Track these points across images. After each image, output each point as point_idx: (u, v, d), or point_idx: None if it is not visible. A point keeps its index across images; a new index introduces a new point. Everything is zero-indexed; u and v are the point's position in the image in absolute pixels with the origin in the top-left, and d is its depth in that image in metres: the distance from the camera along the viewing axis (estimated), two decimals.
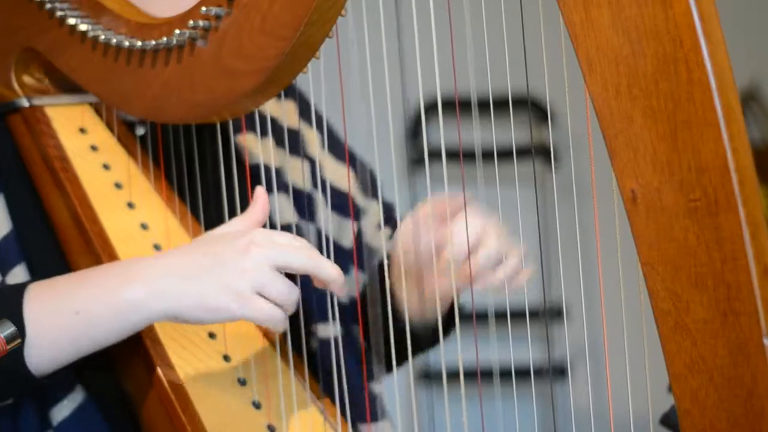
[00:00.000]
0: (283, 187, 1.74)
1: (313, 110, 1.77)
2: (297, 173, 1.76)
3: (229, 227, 1.57)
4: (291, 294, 1.50)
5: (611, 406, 1.40)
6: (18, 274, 1.59)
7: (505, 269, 1.64)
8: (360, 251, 1.78)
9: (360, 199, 1.82)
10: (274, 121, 1.76)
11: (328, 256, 1.63)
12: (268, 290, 1.49)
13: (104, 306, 1.50)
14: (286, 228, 1.70)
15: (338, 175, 1.80)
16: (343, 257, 1.74)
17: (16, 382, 1.51)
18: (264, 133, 1.72)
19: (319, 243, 1.73)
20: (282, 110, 1.79)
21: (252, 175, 1.68)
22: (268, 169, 1.71)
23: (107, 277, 1.52)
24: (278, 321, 1.50)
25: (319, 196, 1.77)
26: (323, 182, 1.77)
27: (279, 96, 1.77)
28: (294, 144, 1.77)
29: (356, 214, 1.81)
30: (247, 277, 1.48)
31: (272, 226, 1.65)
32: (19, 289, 1.51)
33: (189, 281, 1.49)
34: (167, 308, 1.49)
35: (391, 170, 1.63)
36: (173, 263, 1.51)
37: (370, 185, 1.81)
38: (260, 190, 1.58)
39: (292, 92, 1.81)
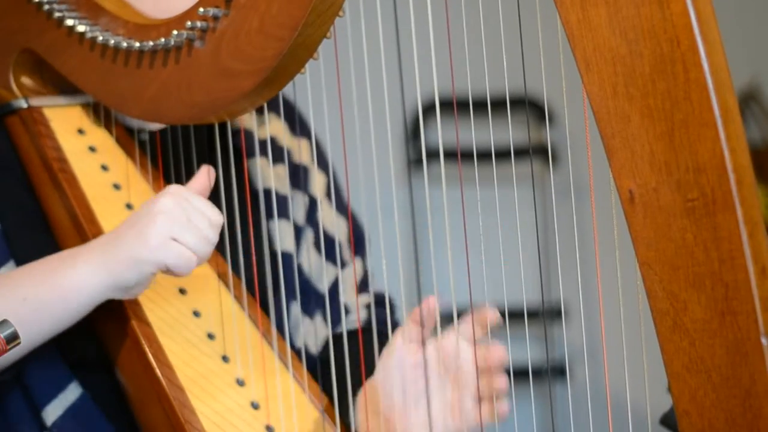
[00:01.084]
0: (285, 215, 1.74)
1: (330, 159, 1.77)
2: (297, 207, 1.76)
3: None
4: (205, 243, 1.52)
5: (609, 406, 1.40)
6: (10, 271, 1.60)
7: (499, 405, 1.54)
8: (332, 298, 1.76)
9: (346, 250, 1.81)
10: (285, 151, 1.76)
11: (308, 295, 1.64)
12: (182, 237, 1.50)
13: (48, 288, 1.52)
14: (286, 255, 1.70)
15: (332, 221, 1.80)
16: (316, 300, 1.73)
17: None
18: (279, 160, 1.72)
19: (301, 277, 1.73)
20: (294, 144, 1.79)
21: (255, 197, 1.68)
22: (271, 193, 1.71)
23: (50, 262, 1.54)
24: (190, 264, 1.51)
25: (308, 234, 1.77)
26: (317, 222, 1.77)
27: (295, 132, 1.77)
28: (300, 179, 1.77)
29: (341, 264, 1.79)
30: (159, 224, 1.50)
31: (273, 252, 1.66)
32: None
33: (110, 248, 1.52)
34: (101, 280, 1.52)
35: (389, 170, 1.63)
36: (104, 237, 1.54)
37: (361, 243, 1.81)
38: (206, 167, 1.59)
39: (308, 134, 1.81)
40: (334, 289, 1.76)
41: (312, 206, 1.79)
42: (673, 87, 1.21)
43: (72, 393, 1.58)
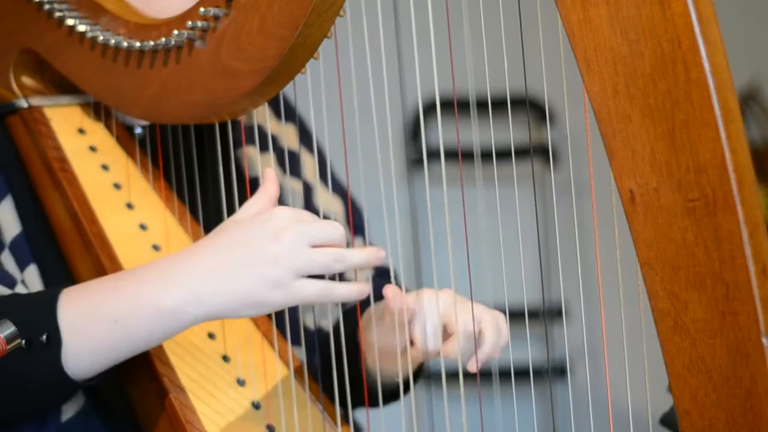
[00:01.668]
0: (280, 201, 1.74)
1: (314, 136, 1.77)
2: (291, 194, 1.76)
3: (247, 211, 1.52)
4: (337, 260, 1.47)
5: (610, 406, 1.40)
6: (32, 273, 1.59)
7: (484, 349, 1.57)
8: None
9: (346, 232, 1.81)
10: (275, 138, 1.76)
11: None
12: (309, 269, 1.45)
13: (142, 314, 1.47)
14: None
15: (328, 202, 1.80)
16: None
17: (59, 388, 1.49)
18: (265, 148, 1.72)
19: None
20: (282, 131, 1.79)
21: (252, 185, 1.68)
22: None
23: (142, 283, 1.48)
24: (330, 292, 1.47)
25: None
26: (314, 205, 1.77)
27: (280, 118, 1.77)
28: (291, 165, 1.77)
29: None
30: (283, 264, 1.44)
31: None
32: (51, 296, 1.49)
33: (224, 279, 1.45)
34: (207, 311, 1.46)
35: (390, 170, 1.63)
36: (205, 262, 1.46)
37: (357, 220, 1.81)
38: (269, 171, 1.54)
39: (293, 117, 1.81)
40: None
41: (308, 192, 1.78)
42: (673, 87, 1.21)
43: (80, 399, 1.58)
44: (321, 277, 1.48)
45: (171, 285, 1.46)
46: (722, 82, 1.20)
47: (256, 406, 1.58)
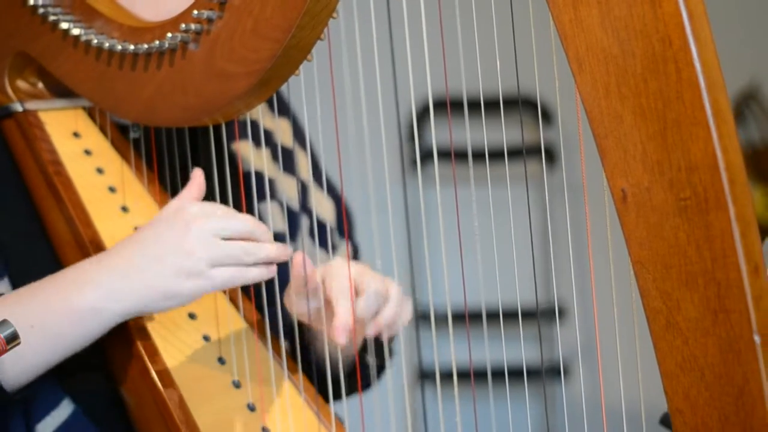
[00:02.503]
0: (275, 196, 1.74)
1: (308, 135, 1.78)
2: (288, 191, 1.77)
3: (166, 211, 1.56)
4: (246, 253, 1.51)
5: (604, 406, 1.40)
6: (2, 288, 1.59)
7: (383, 316, 1.60)
8: None
9: (336, 234, 1.82)
10: (268, 133, 1.76)
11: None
12: (221, 259, 1.49)
13: (59, 316, 1.50)
14: (278, 236, 1.70)
15: (322, 205, 1.80)
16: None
17: None
18: (259, 143, 1.72)
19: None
20: (276, 126, 1.80)
21: (245, 180, 1.68)
22: (262, 176, 1.71)
23: (57, 285, 1.51)
24: (246, 278, 1.51)
25: (303, 221, 1.77)
26: (309, 208, 1.78)
27: (274, 113, 1.78)
28: (286, 161, 1.78)
29: (331, 248, 1.80)
30: (196, 256, 1.49)
31: None
32: None
33: (139, 275, 1.49)
34: (125, 307, 1.50)
35: (384, 171, 1.63)
36: (117, 260, 1.51)
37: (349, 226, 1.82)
38: (197, 171, 1.58)
39: (287, 112, 1.82)
40: None
41: (304, 191, 1.79)
42: (665, 86, 1.21)
43: (64, 410, 1.57)
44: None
45: (84, 285, 1.50)
46: (713, 81, 1.20)
47: (252, 408, 1.58)
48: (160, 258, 1.50)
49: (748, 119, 4.06)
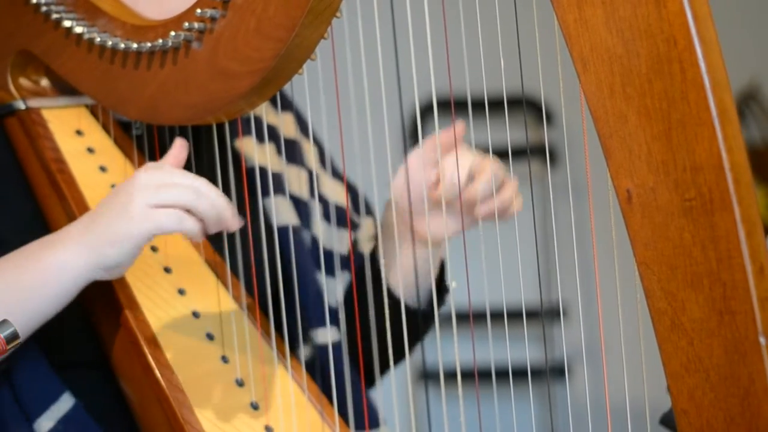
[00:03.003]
0: (281, 190, 1.74)
1: (311, 126, 1.78)
2: (295, 181, 1.77)
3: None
4: (192, 196, 1.51)
5: (608, 406, 1.40)
6: None
7: (499, 198, 1.64)
8: (356, 259, 1.78)
9: (354, 215, 1.82)
10: (272, 128, 1.76)
11: (326, 263, 1.66)
12: (164, 199, 1.50)
13: (30, 274, 1.52)
14: (283, 229, 1.70)
15: (334, 189, 1.81)
16: (342, 261, 1.75)
17: None
18: (263, 139, 1.72)
19: (315, 249, 1.73)
20: (280, 122, 1.80)
21: (249, 176, 1.68)
22: (266, 172, 1.71)
23: (30, 246, 1.54)
24: (183, 223, 1.51)
25: (316, 206, 1.77)
26: (321, 193, 1.78)
27: (276, 108, 1.78)
28: (292, 153, 1.78)
29: (352, 227, 1.81)
30: (137, 198, 1.50)
31: (268, 227, 1.66)
32: None
33: (92, 226, 1.52)
34: (84, 259, 1.51)
35: (387, 171, 1.63)
36: (81, 219, 1.54)
37: (363, 205, 1.82)
38: (180, 139, 1.59)
39: (290, 106, 1.82)
40: (355, 251, 1.79)
41: (312, 179, 1.79)
42: (670, 86, 1.21)
43: (65, 404, 1.57)
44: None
45: (54, 243, 1.53)
46: (718, 81, 1.20)
47: (255, 406, 1.58)
48: (106, 208, 1.52)
49: (748, 119, 4.06)
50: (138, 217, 1.50)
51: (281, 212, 1.73)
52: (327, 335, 1.70)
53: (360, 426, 1.65)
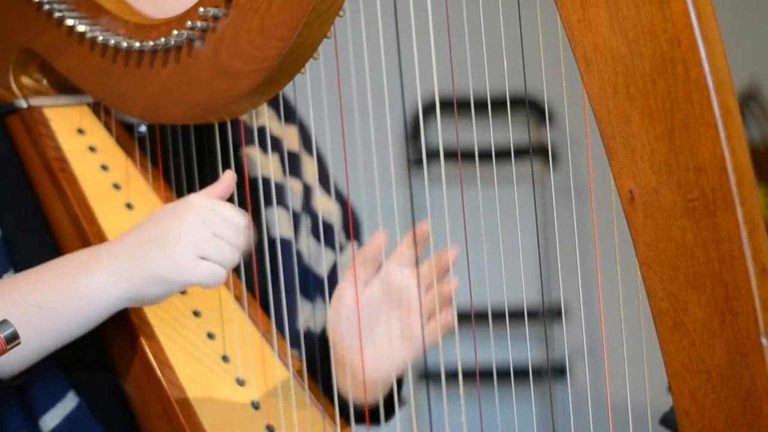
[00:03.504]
0: (282, 202, 1.74)
1: (314, 140, 1.78)
2: (293, 194, 1.76)
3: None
4: (236, 253, 1.50)
5: (610, 406, 1.40)
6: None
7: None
8: (332, 283, 1.77)
9: (342, 236, 1.82)
10: (277, 140, 1.76)
11: (304, 284, 1.67)
12: (211, 255, 1.49)
13: (66, 297, 1.51)
14: (284, 242, 1.70)
15: (327, 207, 1.80)
16: (315, 284, 1.74)
17: None
18: (267, 150, 1.72)
19: (300, 263, 1.73)
20: (285, 133, 1.80)
21: (252, 185, 1.68)
22: (269, 182, 1.71)
23: (66, 267, 1.53)
24: (219, 280, 1.50)
25: (305, 222, 1.77)
26: (312, 209, 1.77)
27: (280, 120, 1.78)
28: (293, 166, 1.78)
29: (339, 248, 1.80)
30: (186, 246, 1.48)
31: (271, 240, 1.66)
32: None
33: (134, 260, 1.50)
34: (122, 292, 1.50)
35: (389, 170, 1.63)
36: (122, 246, 1.52)
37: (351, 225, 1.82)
38: (229, 173, 1.57)
39: (294, 118, 1.81)
40: (333, 274, 1.76)
41: (307, 193, 1.79)
42: (673, 87, 1.21)
43: (70, 402, 1.57)
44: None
45: (90, 268, 1.51)
46: (722, 81, 1.20)
47: (256, 406, 1.58)
48: (152, 244, 1.50)
49: (748, 119, 4.06)
50: (184, 268, 1.48)
51: (281, 224, 1.72)
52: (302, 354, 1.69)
53: None
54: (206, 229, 1.49)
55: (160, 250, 1.49)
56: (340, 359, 1.60)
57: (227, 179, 1.56)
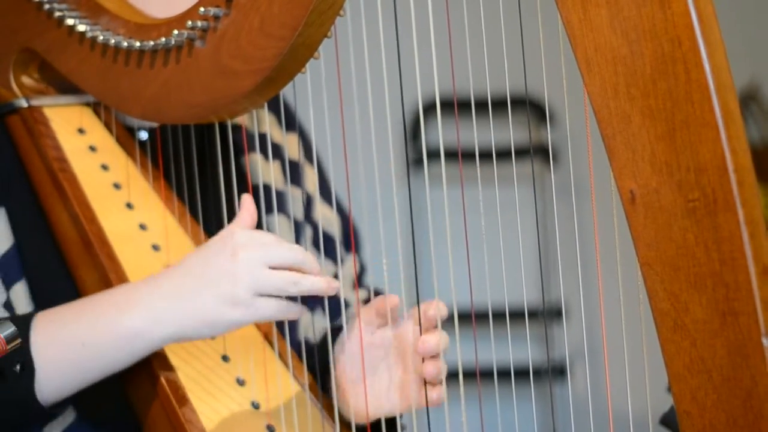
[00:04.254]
0: (283, 209, 1.74)
1: (315, 151, 1.78)
2: (294, 203, 1.76)
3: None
4: (293, 283, 1.48)
5: (610, 406, 1.40)
6: (18, 291, 1.59)
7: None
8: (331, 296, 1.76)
9: (341, 248, 1.82)
10: (278, 148, 1.76)
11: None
12: (266, 288, 1.48)
13: (108, 337, 1.49)
14: None
15: (327, 218, 1.80)
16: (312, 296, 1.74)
17: (25, 412, 1.50)
18: (268, 157, 1.72)
19: None
20: (285, 141, 1.79)
21: (254, 193, 1.67)
22: (270, 190, 1.71)
23: (108, 305, 1.51)
24: (287, 312, 1.49)
25: (306, 231, 1.77)
26: (313, 219, 1.77)
27: (282, 128, 1.77)
28: (294, 175, 1.78)
29: (336, 261, 1.80)
30: (241, 283, 1.47)
31: None
32: (26, 320, 1.51)
33: (185, 301, 1.48)
34: (170, 333, 1.49)
35: (389, 170, 1.63)
36: (168, 285, 1.50)
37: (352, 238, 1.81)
38: (247, 197, 1.56)
39: (295, 126, 1.81)
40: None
41: (308, 203, 1.79)
42: (674, 87, 1.21)
43: (68, 416, 1.57)
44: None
45: (134, 307, 1.49)
46: (723, 82, 1.20)
47: (256, 405, 1.58)
48: (205, 285, 1.48)
49: (748, 119, 4.06)
50: (245, 306, 1.47)
51: (282, 232, 1.72)
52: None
53: None
54: (260, 263, 1.48)
55: (215, 293, 1.47)
56: (342, 390, 1.59)
57: (248, 206, 1.55)
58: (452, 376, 1.54)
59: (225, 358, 1.61)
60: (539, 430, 1.59)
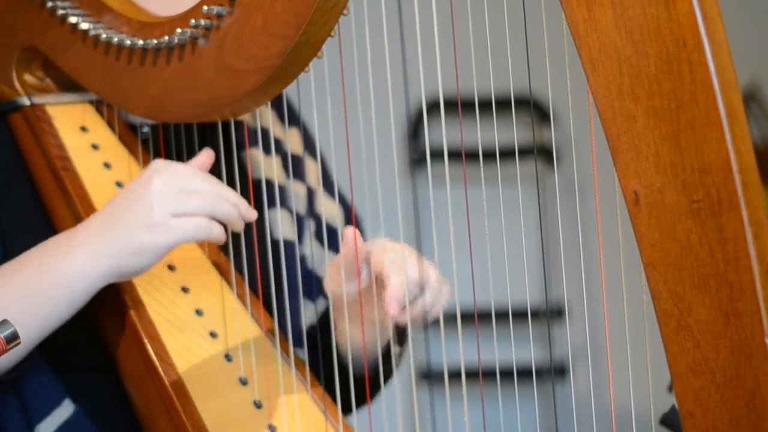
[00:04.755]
0: (284, 204, 1.74)
1: (318, 142, 1.78)
2: (295, 197, 1.76)
3: None
4: (214, 201, 1.51)
5: (613, 406, 1.40)
6: None
7: (426, 297, 1.58)
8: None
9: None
10: (279, 142, 1.76)
11: (308, 285, 1.66)
12: (184, 209, 1.50)
13: (47, 283, 1.51)
14: (287, 244, 1.70)
15: (329, 210, 1.80)
16: (319, 286, 1.74)
17: None
18: (269, 151, 1.72)
19: (304, 266, 1.73)
20: (286, 135, 1.79)
21: (255, 187, 1.67)
22: (272, 184, 1.71)
23: (46, 252, 1.53)
24: (209, 231, 1.51)
25: (309, 224, 1.77)
26: (316, 212, 1.77)
27: (283, 123, 1.77)
28: (295, 169, 1.78)
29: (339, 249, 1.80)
30: (156, 206, 1.49)
31: (274, 241, 1.66)
32: None
33: (112, 232, 1.50)
34: (104, 268, 1.51)
35: (392, 169, 1.63)
36: (98, 221, 1.52)
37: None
38: (207, 149, 1.58)
39: (296, 122, 1.81)
40: None
41: (310, 197, 1.79)
42: (678, 87, 1.21)
43: (66, 410, 1.57)
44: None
45: (70, 249, 1.51)
46: (727, 82, 1.20)
47: (258, 405, 1.58)
48: (126, 214, 1.51)
49: (748, 119, 4.06)
50: (163, 228, 1.49)
51: (284, 226, 1.72)
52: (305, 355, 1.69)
53: None
54: (174, 187, 1.51)
55: (134, 219, 1.50)
56: (339, 306, 1.60)
57: (204, 154, 1.57)
58: (454, 376, 1.54)
59: (227, 357, 1.61)
60: (541, 429, 1.59)
